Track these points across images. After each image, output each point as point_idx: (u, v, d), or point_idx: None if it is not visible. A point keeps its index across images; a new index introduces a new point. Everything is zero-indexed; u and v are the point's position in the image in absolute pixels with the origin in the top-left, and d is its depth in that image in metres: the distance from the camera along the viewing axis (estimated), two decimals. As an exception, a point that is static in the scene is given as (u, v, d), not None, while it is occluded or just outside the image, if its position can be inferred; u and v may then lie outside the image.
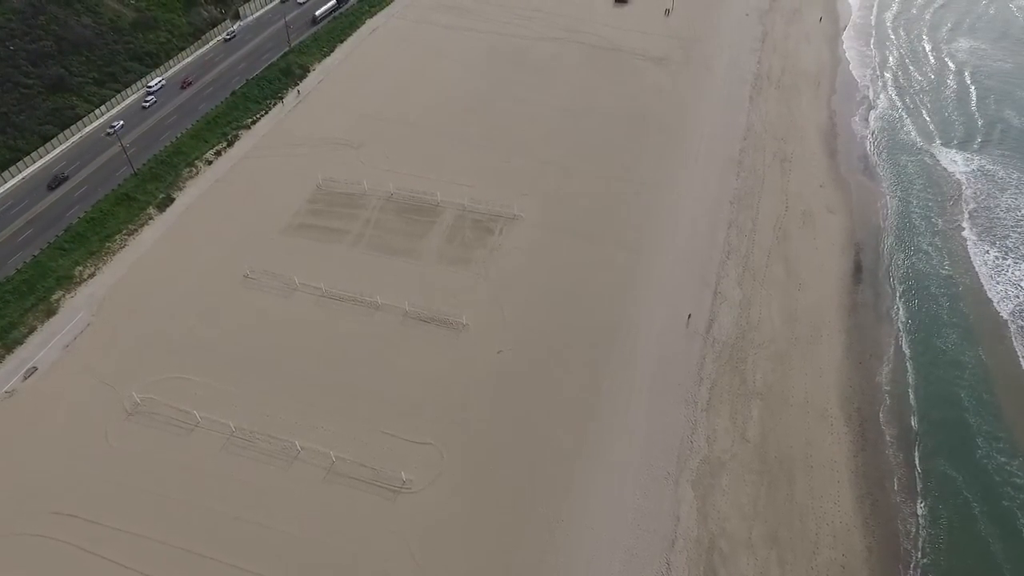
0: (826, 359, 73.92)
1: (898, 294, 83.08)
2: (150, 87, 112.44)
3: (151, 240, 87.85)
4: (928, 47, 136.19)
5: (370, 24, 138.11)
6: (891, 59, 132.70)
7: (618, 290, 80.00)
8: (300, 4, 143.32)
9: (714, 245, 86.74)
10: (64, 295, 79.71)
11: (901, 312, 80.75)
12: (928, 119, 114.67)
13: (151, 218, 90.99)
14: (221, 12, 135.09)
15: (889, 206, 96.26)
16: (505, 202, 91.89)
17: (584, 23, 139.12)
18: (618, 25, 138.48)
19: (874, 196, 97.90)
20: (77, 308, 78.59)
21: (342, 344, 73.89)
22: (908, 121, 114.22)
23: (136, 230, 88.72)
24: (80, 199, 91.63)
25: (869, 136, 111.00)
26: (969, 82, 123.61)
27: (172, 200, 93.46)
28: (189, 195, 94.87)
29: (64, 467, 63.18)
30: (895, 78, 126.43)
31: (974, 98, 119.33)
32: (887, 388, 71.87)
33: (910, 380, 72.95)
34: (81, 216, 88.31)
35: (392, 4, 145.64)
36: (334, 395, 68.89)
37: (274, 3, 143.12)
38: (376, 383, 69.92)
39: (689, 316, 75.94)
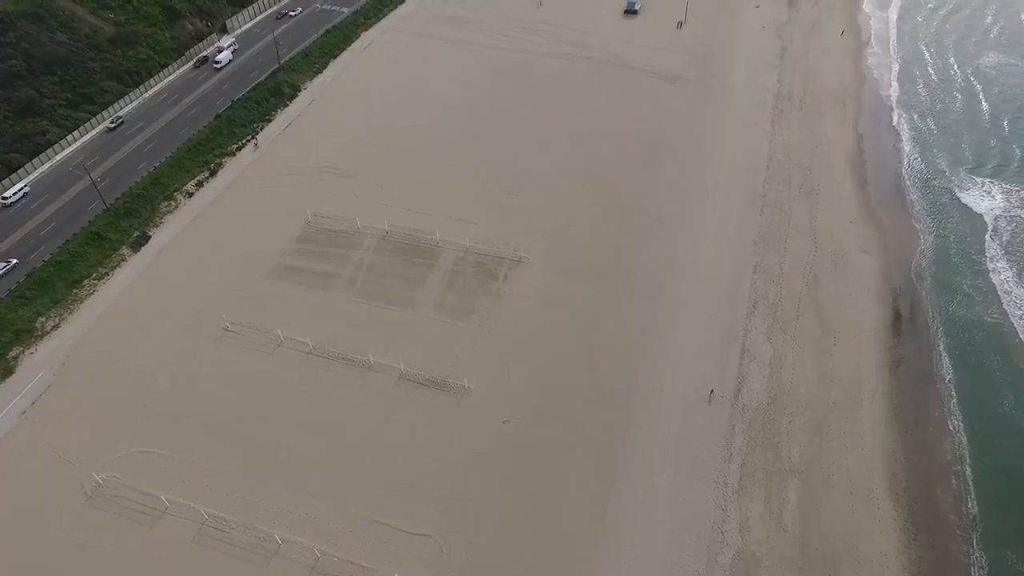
0: (868, 429, 66.44)
1: (942, 347, 75.56)
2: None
3: (123, 285, 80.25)
4: (957, 63, 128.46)
5: (365, 38, 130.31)
6: (919, 76, 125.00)
7: (635, 347, 72.50)
8: (292, 16, 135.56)
9: (739, 292, 79.21)
10: (23, 351, 72.17)
11: (948, 369, 73.26)
12: (961, 143, 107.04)
13: (124, 259, 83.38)
14: (207, 25, 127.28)
15: (925, 243, 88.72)
16: (509, 242, 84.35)
17: (592, 36, 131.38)
18: (628, 39, 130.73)
19: (908, 232, 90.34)
20: (38, 367, 71.01)
21: (330, 412, 66.36)
22: (940, 145, 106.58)
23: (107, 273, 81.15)
24: (47, 238, 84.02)
25: (899, 163, 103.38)
26: (1001, 101, 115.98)
27: (148, 238, 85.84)
28: (167, 232, 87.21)
29: (9, 560, 55.71)
30: (924, 97, 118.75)
31: (1007, 119, 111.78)
32: (938, 462, 64.50)
33: (964, 452, 65.48)
34: (46, 259, 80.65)
35: (388, 16, 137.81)
36: (321, 474, 61.40)
37: (265, 15, 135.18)
38: (368, 460, 62.42)
39: (712, 391, 68.19)
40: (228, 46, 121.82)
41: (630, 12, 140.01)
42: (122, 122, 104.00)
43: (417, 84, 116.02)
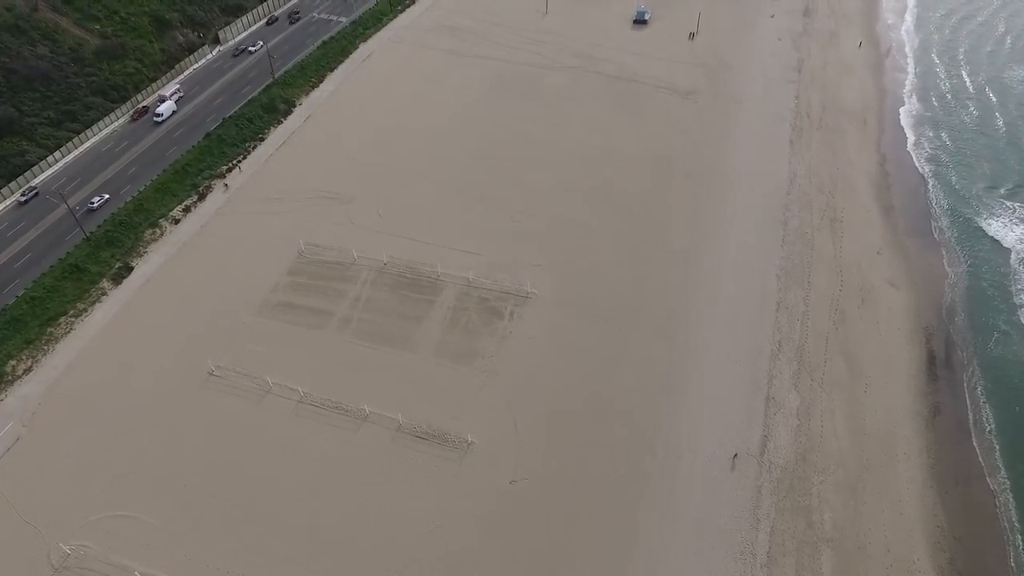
0: (905, 489, 61.18)
1: (981, 392, 70.30)
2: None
3: (102, 322, 75.04)
4: (981, 77, 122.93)
5: (364, 49, 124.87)
6: (941, 91, 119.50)
7: (652, 398, 67.16)
8: (291, 22, 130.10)
9: (762, 333, 73.90)
10: (-8, 399, 67.05)
11: (988, 418, 68.00)
12: (988, 164, 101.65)
13: (104, 293, 78.14)
14: (199, 36, 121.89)
15: (955, 275, 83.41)
16: (515, 275, 79.07)
17: (600, 48, 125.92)
18: (638, 51, 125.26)
19: (937, 263, 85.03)
20: (7, 416, 65.82)
21: (322, 471, 61.14)
22: (966, 167, 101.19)
23: (85, 310, 75.91)
24: (21, 271, 78.82)
25: (924, 187, 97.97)
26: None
27: (130, 270, 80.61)
28: (151, 263, 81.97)
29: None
30: (948, 114, 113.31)
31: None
32: (983, 529, 59.26)
33: (1012, 516, 60.27)
34: (20, 295, 75.44)
35: (388, 26, 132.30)
36: (310, 545, 56.19)
37: (259, 25, 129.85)
38: (363, 529, 57.20)
39: (735, 456, 62.73)
40: (172, 94, 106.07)
41: (639, 22, 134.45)
42: (36, 193, 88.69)
43: (417, 99, 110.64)
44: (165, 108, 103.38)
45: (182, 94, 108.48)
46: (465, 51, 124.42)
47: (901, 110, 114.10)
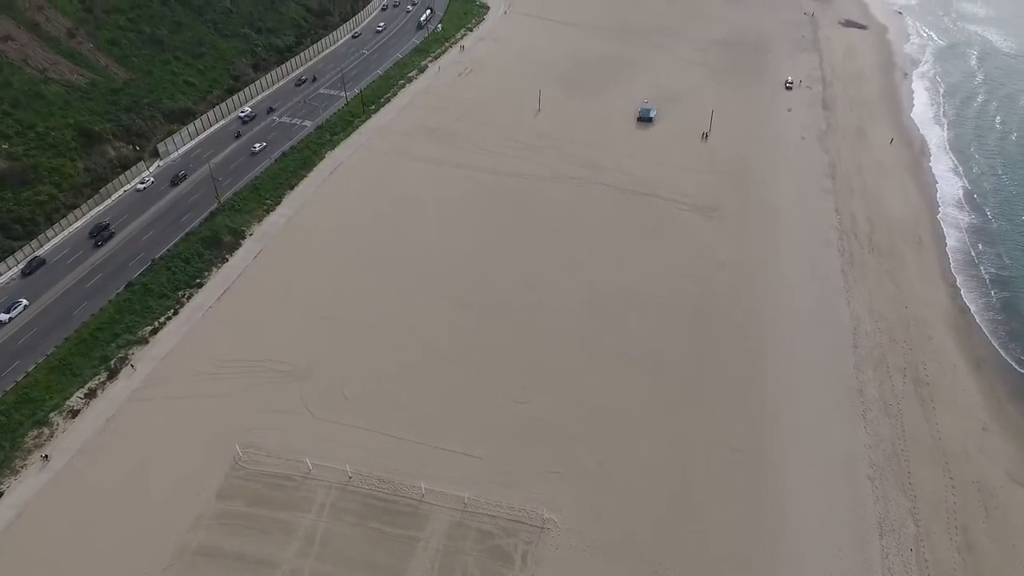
0: None
1: None
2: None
3: (-56, 593, 52.94)
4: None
5: (331, 159, 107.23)
6: (993, 193, 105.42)
7: None
8: (244, 120, 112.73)
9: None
10: None
11: None
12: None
13: (-46, 541, 56.10)
14: (135, 149, 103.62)
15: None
16: (526, 492, 58.92)
17: (604, 153, 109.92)
18: (647, 156, 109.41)
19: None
20: None
21: None
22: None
23: (-78, 572, 53.72)
24: None
25: (1013, 322, 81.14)
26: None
27: (-1, 498, 58.88)
28: (26, 489, 60.05)
29: None
30: (1008, 221, 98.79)
31: None
32: None
33: None
34: None
35: (359, 129, 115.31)
36: None
37: (208, 133, 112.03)
38: None
39: None
40: (11, 307, 75.61)
41: (644, 120, 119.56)
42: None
43: (393, 226, 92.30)
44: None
45: (26, 303, 76.58)
46: (448, 159, 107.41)
47: (956, 219, 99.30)
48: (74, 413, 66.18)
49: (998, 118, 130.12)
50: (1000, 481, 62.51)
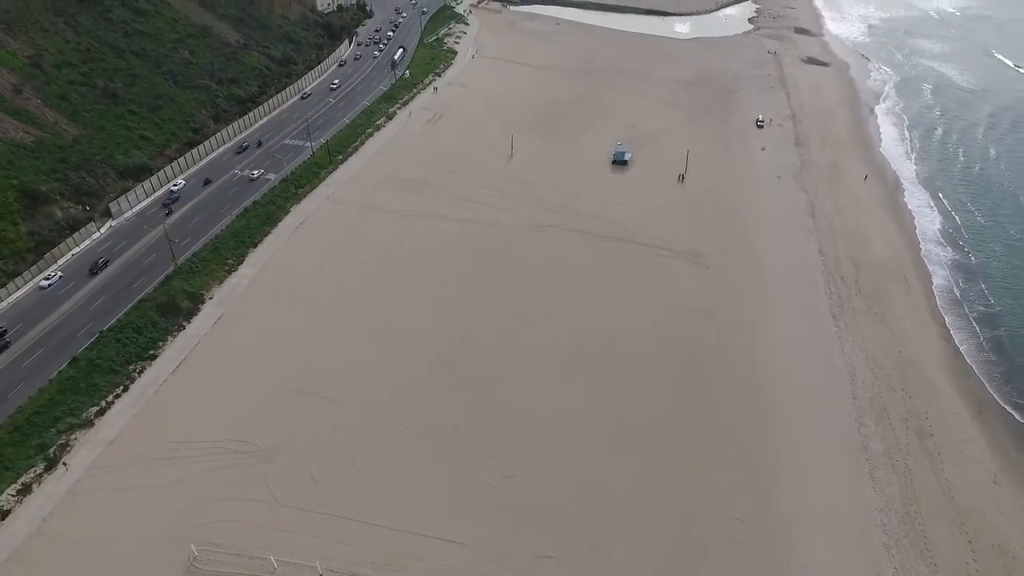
0: None
1: None
2: None
3: None
4: (993, 199, 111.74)
5: (296, 213, 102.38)
6: (966, 230, 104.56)
7: None
8: (205, 184, 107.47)
9: (899, 667, 49.30)
10: None
11: None
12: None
13: None
14: (85, 209, 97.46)
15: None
16: (519, 584, 53.31)
17: (580, 198, 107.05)
18: (624, 200, 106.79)
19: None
20: None
21: None
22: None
23: None
24: None
25: (1001, 367, 78.87)
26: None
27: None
28: (-52, 605, 52.87)
29: None
30: (991, 256, 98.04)
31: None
32: None
33: None
34: None
35: (326, 180, 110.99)
36: None
37: (163, 191, 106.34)
38: None
39: None
40: None
41: (619, 163, 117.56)
42: None
43: (363, 284, 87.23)
44: None
45: None
46: (419, 210, 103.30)
47: (938, 257, 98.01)
48: (3, 514, 58.83)
49: (960, 151, 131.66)
50: (1019, 542, 58.74)
